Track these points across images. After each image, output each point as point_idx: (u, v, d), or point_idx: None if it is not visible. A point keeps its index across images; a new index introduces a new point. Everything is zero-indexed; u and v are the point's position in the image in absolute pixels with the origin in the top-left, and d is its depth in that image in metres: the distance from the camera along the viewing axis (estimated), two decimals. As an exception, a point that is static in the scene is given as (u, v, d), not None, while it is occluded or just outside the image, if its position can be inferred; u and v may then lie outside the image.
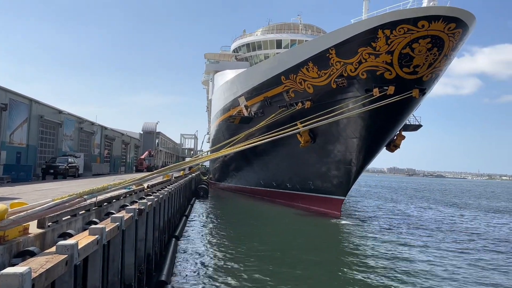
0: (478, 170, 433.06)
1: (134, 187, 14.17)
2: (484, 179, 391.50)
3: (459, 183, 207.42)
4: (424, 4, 22.01)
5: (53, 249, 5.02)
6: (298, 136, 28.55)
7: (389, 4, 25.30)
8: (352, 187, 30.74)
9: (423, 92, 24.21)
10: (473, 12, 21.70)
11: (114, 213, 9.35)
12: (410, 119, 34.22)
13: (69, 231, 6.96)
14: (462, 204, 54.09)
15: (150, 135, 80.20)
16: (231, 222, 27.02)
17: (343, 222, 27.11)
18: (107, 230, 6.87)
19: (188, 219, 25.98)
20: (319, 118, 24.12)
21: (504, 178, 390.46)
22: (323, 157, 29.88)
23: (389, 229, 25.56)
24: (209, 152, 50.53)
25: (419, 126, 35.43)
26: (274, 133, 24.89)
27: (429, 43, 21.71)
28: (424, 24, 21.20)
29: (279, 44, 47.60)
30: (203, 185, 44.93)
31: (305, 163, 31.66)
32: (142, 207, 10.96)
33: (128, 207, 10.42)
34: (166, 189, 19.11)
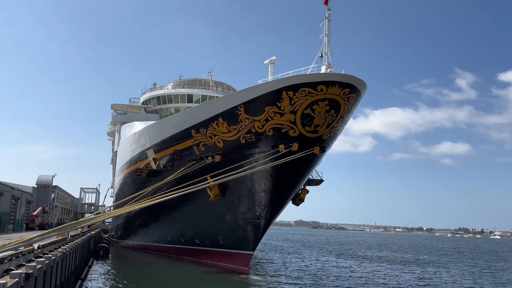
0: (375, 222, 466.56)
1: (22, 248, 12.78)
2: (380, 230, 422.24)
3: (359, 235, 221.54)
4: (323, 70, 24.43)
5: None
6: (208, 190, 28.47)
7: (293, 68, 27.59)
8: (261, 240, 30.91)
9: (323, 149, 26.00)
10: (364, 79, 24.50)
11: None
12: (313, 174, 36.54)
13: None
14: (360, 255, 57.54)
15: (45, 189, 73.10)
16: (131, 285, 25.01)
17: (252, 277, 26.95)
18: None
19: (84, 283, 23.68)
20: (229, 173, 24.69)
21: (397, 230, 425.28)
22: (232, 211, 29.96)
23: (296, 284, 26.06)
24: (112, 208, 47.82)
25: (321, 181, 37.79)
26: (183, 187, 24.86)
27: (327, 105, 23.78)
28: (323, 88, 23.37)
29: (190, 98, 48.36)
30: (103, 244, 41.70)
31: (214, 217, 31.41)
32: (30, 271, 9.88)
33: (13, 271, 9.34)
34: (60, 249, 17.42)
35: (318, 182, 37.44)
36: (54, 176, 75.93)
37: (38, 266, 10.96)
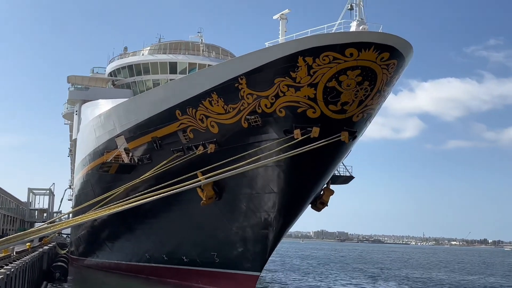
0: (423, 233, 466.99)
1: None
2: (430, 244, 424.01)
3: (402, 250, 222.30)
4: (353, 28, 24.24)
5: None
6: (199, 190, 28.62)
7: (312, 26, 27.39)
8: (270, 258, 31.22)
9: (353, 135, 26.02)
10: (409, 40, 24.22)
11: None
12: (340, 170, 36.70)
13: None
14: (405, 276, 57.72)
15: (-21, 190, 73.87)
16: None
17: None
18: None
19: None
20: (227, 168, 24.83)
21: (453, 243, 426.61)
22: (231, 219, 30.16)
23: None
24: (71, 215, 48.16)
25: (350, 178, 37.93)
26: (166, 187, 25.13)
27: (359, 75, 23.70)
28: (353, 52, 23.25)
29: (173, 68, 48.27)
30: (60, 263, 42.18)
31: (207, 227, 31.67)
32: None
33: None
34: (1, 270, 17.63)
35: (346, 179, 37.62)
36: (-8, 173, 76.57)
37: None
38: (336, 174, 35.50)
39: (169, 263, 36.35)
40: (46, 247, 43.08)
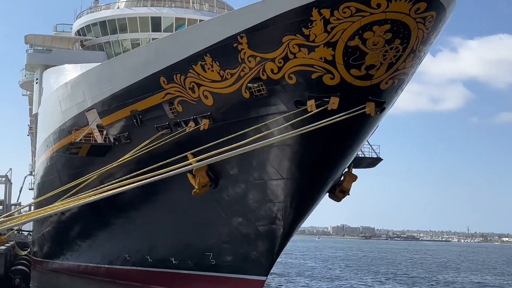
0: (467, 228, 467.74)
1: None
2: (476, 240, 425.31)
3: (441, 248, 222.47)
4: (380, -27, 24.00)
5: None
6: (190, 177, 28.75)
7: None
8: (278, 259, 31.48)
9: (381, 106, 25.91)
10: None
11: None
12: (364, 150, 36.63)
13: None
14: (449, 281, 57.89)
15: None
16: None
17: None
18: None
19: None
20: (224, 149, 24.57)
21: (505, 239, 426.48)
22: (230, 211, 30.31)
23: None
24: (32, 207, 48.34)
25: (377, 160, 37.98)
26: (149, 172, 24.72)
27: (388, 31, 23.40)
28: (381, 2, 22.83)
29: (156, 24, 48.05)
30: (20, 266, 42.58)
31: (201, 222, 31.83)
32: None
33: None
34: None
35: (372, 162, 37.70)
36: None
37: None
38: (360, 156, 35.51)
39: (155, 266, 36.53)
40: (2, 247, 43.44)
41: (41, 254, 58.76)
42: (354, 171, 31.60)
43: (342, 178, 30.67)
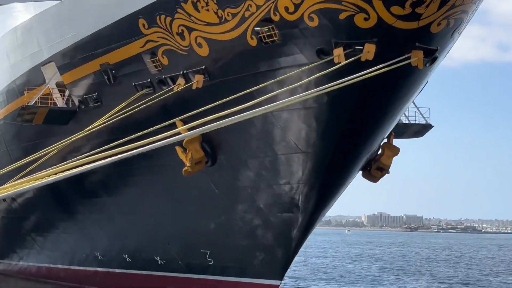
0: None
1: None
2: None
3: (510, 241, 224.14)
4: None
5: None
6: (179, 150, 28.58)
7: None
8: (295, 258, 31.21)
9: (432, 56, 25.39)
10: None
11: None
12: (409, 114, 36.43)
13: None
14: None
15: None
16: None
17: None
18: None
19: None
20: (224, 113, 24.08)
21: None
22: (231, 196, 30.34)
23: None
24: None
25: (427, 128, 37.92)
26: (125, 145, 24.62)
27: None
28: None
29: None
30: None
31: (194, 210, 31.87)
32: None
33: None
34: None
35: (420, 130, 37.79)
36: None
37: None
38: (404, 122, 35.73)
39: (134, 267, 36.69)
40: None
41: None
42: (396, 142, 31.28)
43: (379, 151, 30.34)
